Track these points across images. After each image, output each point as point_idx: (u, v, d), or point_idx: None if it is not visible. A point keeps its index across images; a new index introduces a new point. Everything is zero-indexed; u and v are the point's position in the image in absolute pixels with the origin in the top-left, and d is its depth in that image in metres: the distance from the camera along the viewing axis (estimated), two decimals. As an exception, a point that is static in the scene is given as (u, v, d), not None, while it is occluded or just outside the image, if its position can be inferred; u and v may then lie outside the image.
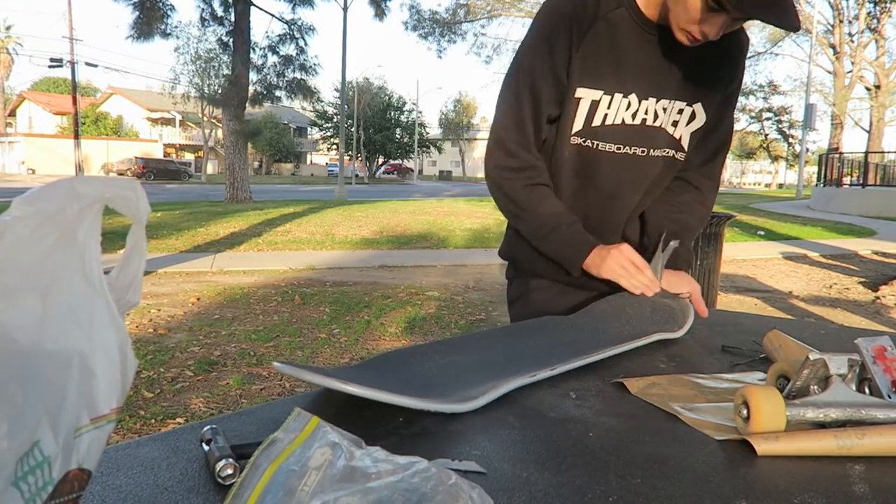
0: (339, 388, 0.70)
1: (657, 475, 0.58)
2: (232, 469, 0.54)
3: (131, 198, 0.44)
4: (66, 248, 0.41)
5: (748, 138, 46.48)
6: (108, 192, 0.42)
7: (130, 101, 46.08)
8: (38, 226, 0.39)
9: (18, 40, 42.89)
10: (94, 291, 0.42)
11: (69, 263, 0.41)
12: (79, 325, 0.41)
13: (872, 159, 18.73)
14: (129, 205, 0.44)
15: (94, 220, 0.42)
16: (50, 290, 0.40)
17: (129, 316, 4.41)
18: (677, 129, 1.21)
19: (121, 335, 0.43)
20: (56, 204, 0.40)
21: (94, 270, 0.42)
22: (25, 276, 0.39)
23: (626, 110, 1.16)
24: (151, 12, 13.92)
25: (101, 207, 0.43)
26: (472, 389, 0.76)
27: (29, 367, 0.39)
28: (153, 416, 2.85)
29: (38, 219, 0.39)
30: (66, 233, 0.41)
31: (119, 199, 0.43)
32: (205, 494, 0.54)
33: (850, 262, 8.12)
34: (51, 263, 0.40)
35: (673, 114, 1.19)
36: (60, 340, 0.40)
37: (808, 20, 26.50)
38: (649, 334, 1.03)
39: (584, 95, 1.14)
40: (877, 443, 0.62)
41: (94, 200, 0.42)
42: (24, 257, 0.39)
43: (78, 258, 0.42)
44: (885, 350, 0.70)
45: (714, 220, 3.78)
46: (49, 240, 0.40)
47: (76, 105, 25.12)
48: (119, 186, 0.43)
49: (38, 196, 0.40)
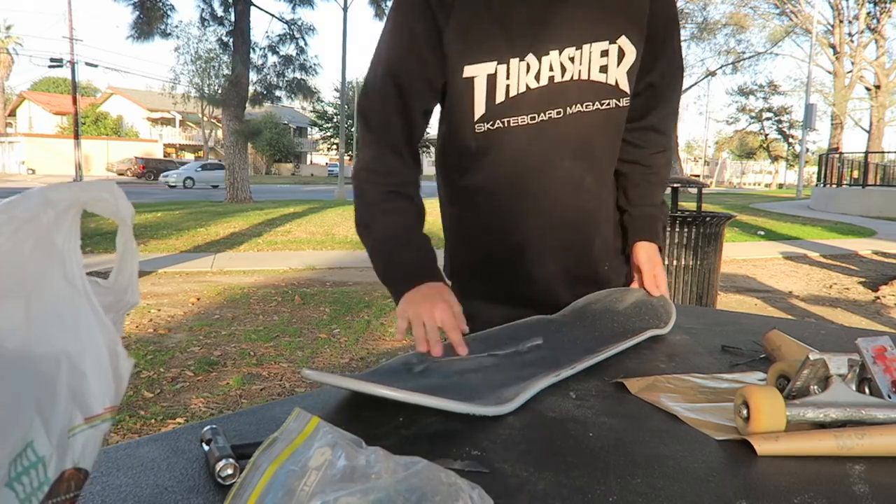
0: (382, 393, 0.70)
1: (657, 475, 0.58)
2: (232, 469, 0.54)
3: (108, 199, 0.44)
4: (46, 254, 0.41)
5: (748, 138, 46.50)
6: (82, 197, 0.43)
7: (130, 101, 46.09)
8: (14, 233, 0.39)
9: (18, 40, 42.89)
10: (77, 294, 0.43)
11: (50, 268, 0.42)
12: (64, 328, 0.42)
13: (872, 159, 18.73)
14: (108, 207, 0.44)
15: (73, 225, 0.43)
16: (32, 295, 0.41)
17: (129, 316, 4.41)
18: (609, 73, 1.03)
19: (109, 335, 0.44)
20: (29, 212, 0.40)
21: (76, 273, 0.43)
22: (6, 283, 0.39)
23: (527, 74, 1.00)
24: (151, 12, 13.93)
25: (79, 212, 0.43)
26: (506, 390, 0.76)
27: (18, 371, 0.39)
28: (153, 416, 2.85)
29: (12, 226, 0.39)
30: (43, 239, 0.41)
31: (96, 202, 0.43)
32: (205, 494, 0.54)
33: (851, 262, 8.12)
34: (31, 269, 0.41)
35: (595, 58, 1.02)
36: (47, 343, 0.41)
37: (808, 20, 26.52)
38: (643, 331, 1.02)
39: (476, 73, 0.99)
40: (877, 443, 0.62)
41: (69, 206, 0.42)
42: (3, 264, 0.39)
43: (58, 262, 0.42)
44: (886, 350, 0.70)
45: (714, 220, 3.78)
46: (26, 246, 0.40)
47: (76, 105, 25.12)
48: (93, 189, 0.43)
49: (10, 205, 0.40)
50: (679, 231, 3.74)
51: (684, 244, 3.74)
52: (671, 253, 3.75)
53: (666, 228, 1.18)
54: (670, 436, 0.67)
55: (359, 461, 0.48)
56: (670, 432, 0.68)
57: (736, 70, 29.35)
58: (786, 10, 28.54)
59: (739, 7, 25.61)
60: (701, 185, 4.27)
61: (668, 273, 3.79)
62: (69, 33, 26.00)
